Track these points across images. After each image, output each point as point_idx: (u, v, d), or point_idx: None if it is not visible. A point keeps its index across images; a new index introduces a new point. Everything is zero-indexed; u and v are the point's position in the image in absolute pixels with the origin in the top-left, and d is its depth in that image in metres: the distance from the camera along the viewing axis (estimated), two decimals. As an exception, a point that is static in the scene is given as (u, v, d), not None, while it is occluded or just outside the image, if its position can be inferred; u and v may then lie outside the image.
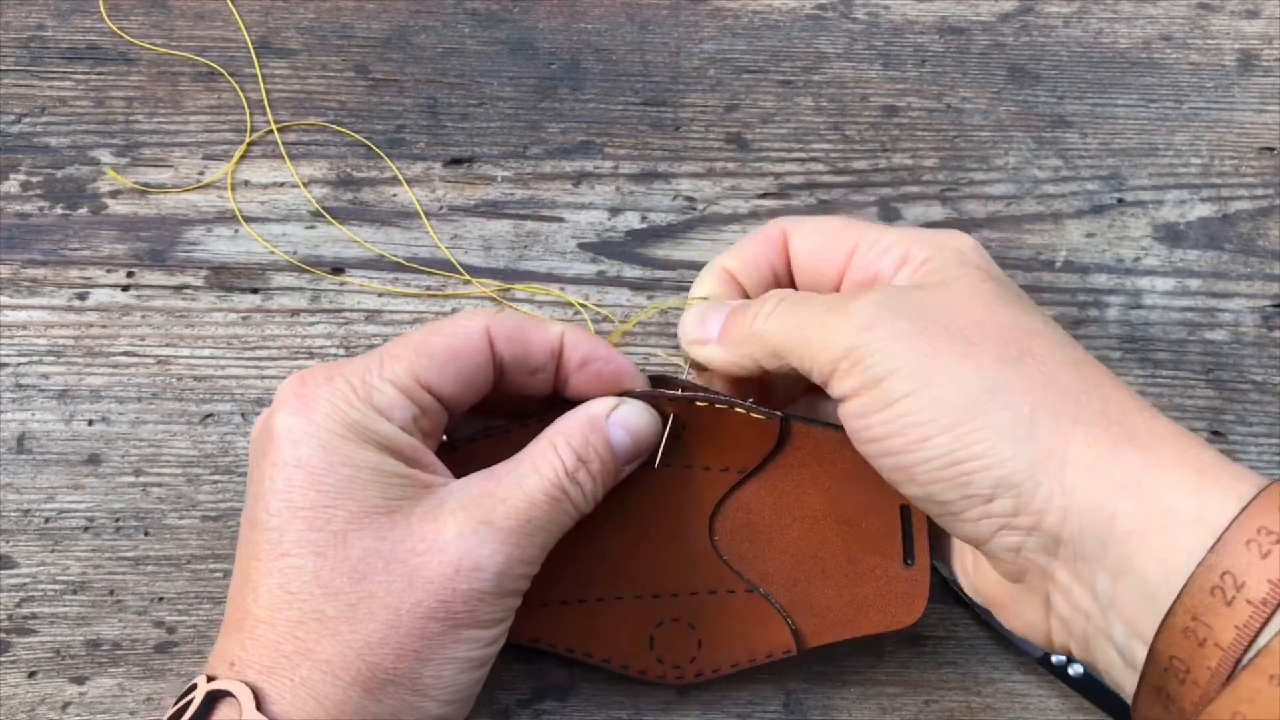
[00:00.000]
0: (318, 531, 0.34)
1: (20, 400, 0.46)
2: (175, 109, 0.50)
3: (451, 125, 0.50)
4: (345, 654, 0.33)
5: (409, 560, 0.34)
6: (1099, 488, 0.32)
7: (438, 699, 0.35)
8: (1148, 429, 0.33)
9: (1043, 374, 0.34)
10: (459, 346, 0.37)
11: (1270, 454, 0.46)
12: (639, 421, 0.39)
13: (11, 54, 0.51)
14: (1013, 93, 0.52)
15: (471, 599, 0.34)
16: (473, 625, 0.35)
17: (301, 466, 0.35)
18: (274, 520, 0.35)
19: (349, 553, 0.34)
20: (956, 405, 0.33)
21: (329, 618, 0.34)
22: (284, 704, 0.33)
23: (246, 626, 0.34)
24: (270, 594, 0.34)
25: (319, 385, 0.36)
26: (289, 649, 0.34)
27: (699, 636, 0.41)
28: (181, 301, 0.47)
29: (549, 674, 0.43)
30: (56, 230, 0.48)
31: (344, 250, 0.48)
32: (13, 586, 0.44)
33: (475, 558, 0.34)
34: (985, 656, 0.44)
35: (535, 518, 0.36)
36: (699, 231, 0.49)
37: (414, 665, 0.34)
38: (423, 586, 0.34)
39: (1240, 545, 0.30)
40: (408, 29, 0.52)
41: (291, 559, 0.34)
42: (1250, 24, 0.53)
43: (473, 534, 0.35)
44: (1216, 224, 0.50)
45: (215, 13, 0.52)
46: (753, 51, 0.52)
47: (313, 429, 0.35)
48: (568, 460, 0.37)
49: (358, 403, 0.35)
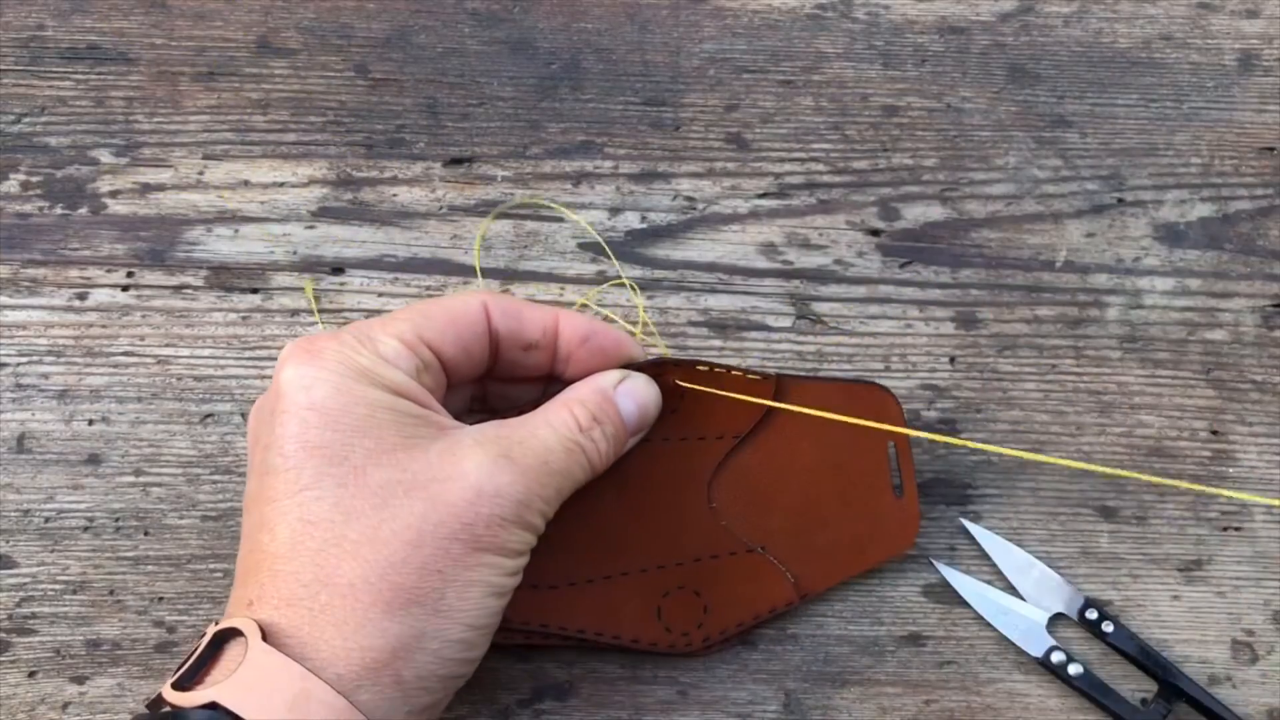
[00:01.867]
0: (337, 466, 0.34)
1: (20, 400, 0.46)
2: (175, 109, 0.50)
3: (451, 125, 0.50)
4: (367, 576, 0.33)
5: (430, 486, 0.35)
6: None
7: (460, 621, 0.35)
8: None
9: None
10: (458, 313, 0.38)
11: (1270, 454, 0.46)
12: (645, 394, 0.40)
13: (11, 54, 0.51)
14: (1013, 93, 0.52)
15: (494, 523, 0.35)
16: (495, 550, 0.35)
17: (315, 408, 0.35)
18: (290, 461, 0.35)
19: (369, 482, 0.34)
20: None
21: (351, 541, 0.34)
22: (301, 634, 0.33)
23: (265, 565, 0.34)
24: (289, 528, 0.34)
25: (325, 340, 0.36)
26: (308, 577, 0.33)
27: (705, 602, 0.42)
28: (181, 301, 0.47)
29: (549, 674, 0.43)
30: (56, 230, 0.48)
31: (344, 250, 0.48)
32: (13, 586, 0.44)
33: (496, 483, 0.35)
34: (985, 656, 0.44)
35: (552, 461, 0.37)
36: (699, 231, 0.49)
37: (438, 585, 0.34)
38: (445, 509, 0.34)
39: None
40: (408, 29, 0.52)
41: (311, 491, 0.34)
42: (1250, 24, 0.53)
43: (493, 463, 0.35)
44: (1216, 224, 0.50)
45: (215, 13, 0.51)
46: (753, 51, 0.52)
47: (324, 374, 0.35)
48: (582, 418, 0.38)
49: (365, 351, 0.36)
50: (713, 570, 0.42)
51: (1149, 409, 0.47)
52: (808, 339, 0.48)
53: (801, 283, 0.48)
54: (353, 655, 0.33)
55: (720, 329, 0.48)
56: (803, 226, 0.49)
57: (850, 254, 0.49)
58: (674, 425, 0.42)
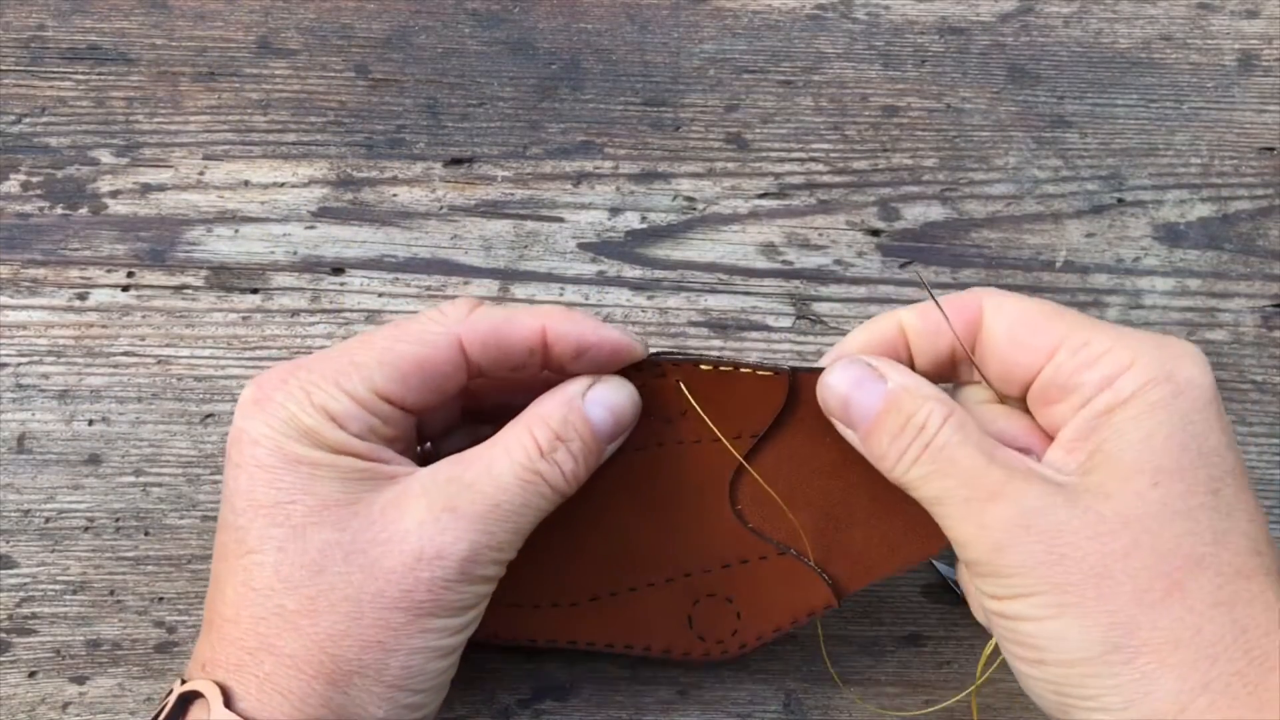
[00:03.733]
0: (278, 527, 0.34)
1: (20, 400, 0.46)
2: (175, 109, 0.50)
3: (451, 125, 0.50)
4: (307, 647, 0.33)
5: (369, 550, 0.34)
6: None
7: (408, 688, 0.34)
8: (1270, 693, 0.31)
9: (1183, 624, 0.31)
10: (425, 356, 0.36)
11: (1270, 454, 0.46)
12: (617, 397, 0.38)
13: (11, 54, 0.51)
14: (1013, 93, 0.52)
15: (436, 587, 0.34)
16: (438, 614, 0.34)
17: (260, 466, 0.35)
18: (240, 519, 0.35)
19: (307, 546, 0.34)
20: (1076, 648, 0.32)
21: (289, 612, 0.34)
22: (250, 700, 0.33)
23: (216, 626, 0.35)
24: (235, 591, 0.34)
25: (274, 389, 0.35)
26: (252, 645, 0.34)
27: (737, 608, 0.40)
28: (181, 301, 0.47)
29: (549, 674, 0.43)
30: (56, 230, 0.48)
31: (344, 250, 0.48)
32: (13, 586, 0.44)
33: (438, 545, 0.34)
34: (985, 656, 0.44)
35: (504, 502, 0.35)
36: (699, 231, 0.49)
37: (379, 656, 0.34)
38: (383, 576, 0.34)
39: None
40: (408, 29, 0.52)
41: (254, 555, 0.34)
42: (1250, 24, 0.53)
43: (434, 521, 0.34)
44: (1216, 224, 0.50)
45: (215, 13, 0.52)
46: (753, 51, 0.52)
47: (269, 431, 0.35)
48: (543, 441, 0.36)
49: (311, 410, 0.35)
50: (743, 576, 0.40)
51: (1149, 409, 0.47)
52: (808, 339, 0.48)
53: (801, 283, 0.48)
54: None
55: (720, 329, 0.48)
56: (803, 226, 0.49)
57: (850, 254, 0.49)
58: (685, 428, 0.40)
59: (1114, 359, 0.34)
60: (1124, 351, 0.34)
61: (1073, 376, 0.35)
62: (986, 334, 0.37)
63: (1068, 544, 0.32)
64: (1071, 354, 0.35)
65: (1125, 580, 0.32)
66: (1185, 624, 0.31)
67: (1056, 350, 0.35)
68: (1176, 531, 0.32)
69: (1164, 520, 0.32)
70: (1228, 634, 0.31)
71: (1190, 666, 0.31)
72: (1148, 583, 0.31)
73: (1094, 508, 0.32)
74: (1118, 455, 0.33)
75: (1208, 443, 0.33)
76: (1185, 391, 0.33)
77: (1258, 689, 0.31)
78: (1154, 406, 0.33)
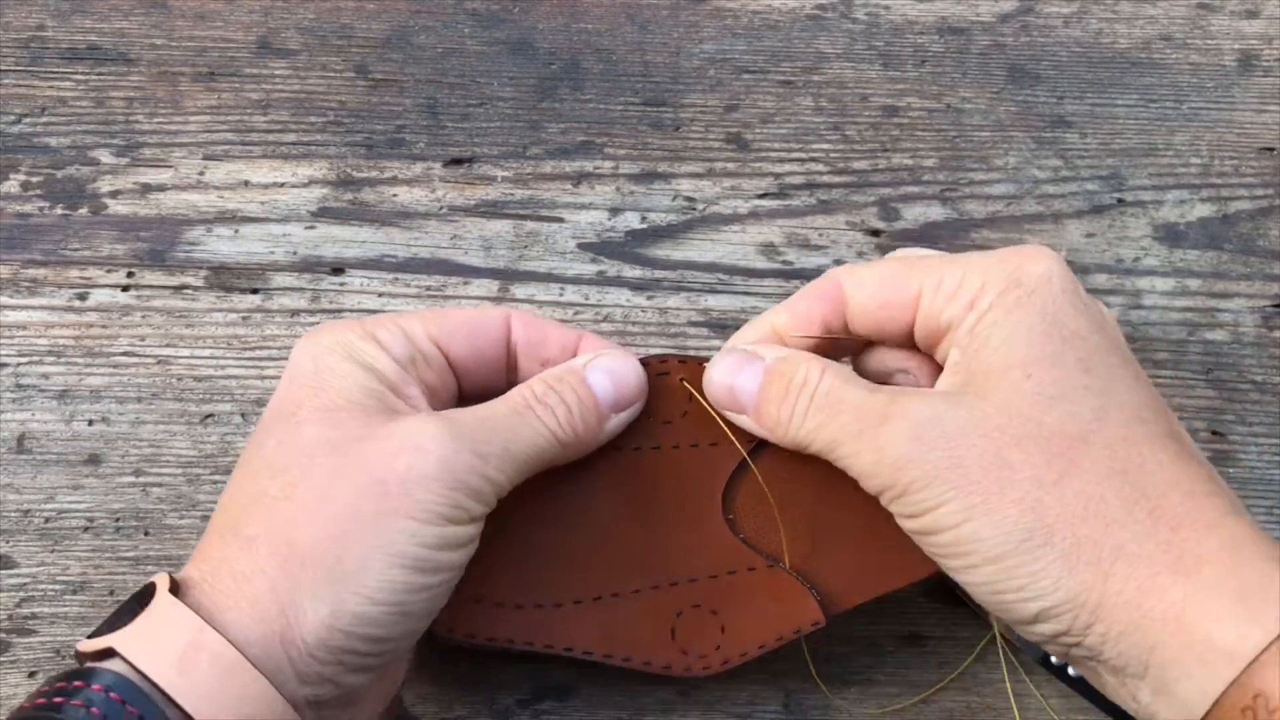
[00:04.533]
0: (283, 421, 0.35)
1: (20, 400, 0.46)
2: (175, 109, 0.50)
3: (451, 125, 0.50)
4: (270, 528, 0.33)
5: (354, 445, 0.34)
6: (1139, 620, 0.32)
7: (360, 593, 0.32)
8: (1197, 547, 0.32)
9: (1085, 496, 0.33)
10: (475, 318, 0.39)
11: (1270, 454, 0.46)
12: (616, 364, 0.39)
13: (11, 54, 0.51)
14: (1013, 93, 0.52)
15: (409, 479, 0.33)
16: (411, 514, 0.33)
17: (290, 374, 0.37)
18: (262, 423, 0.36)
19: (302, 438, 0.34)
20: (995, 543, 0.33)
21: (269, 497, 0.34)
22: (205, 585, 0.33)
23: (213, 519, 0.35)
24: (235, 484, 0.35)
25: (332, 323, 0.38)
26: (224, 529, 0.34)
27: (722, 622, 0.39)
28: (181, 301, 0.47)
29: (549, 674, 0.43)
30: (56, 230, 0.48)
31: (344, 250, 0.48)
32: (13, 586, 0.44)
33: (418, 439, 0.34)
34: (985, 656, 0.44)
35: (493, 419, 0.36)
36: (699, 232, 0.49)
37: (339, 546, 0.32)
38: (358, 464, 0.34)
39: (1275, 669, 0.30)
40: (408, 29, 0.52)
41: (257, 449, 0.35)
42: (1250, 24, 0.53)
43: (420, 423, 0.35)
44: (1216, 224, 0.50)
45: (215, 13, 0.52)
46: (753, 51, 0.52)
47: (311, 346, 0.37)
48: (537, 388, 0.37)
49: (359, 331, 0.37)
50: (730, 587, 0.39)
51: (1149, 409, 0.47)
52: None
53: (801, 283, 0.48)
54: (242, 607, 0.32)
55: (720, 329, 0.48)
56: (803, 227, 0.49)
57: (850, 254, 0.49)
58: (684, 430, 0.40)
59: (969, 284, 0.36)
60: (975, 275, 0.36)
61: (941, 315, 0.36)
62: (853, 308, 0.38)
63: (961, 446, 0.34)
64: (932, 295, 0.37)
65: (1022, 468, 0.33)
66: (1088, 495, 0.33)
67: (919, 297, 0.37)
68: (1058, 415, 0.34)
69: (1043, 407, 0.34)
70: (1129, 498, 0.33)
71: (1102, 534, 0.32)
72: (1043, 467, 0.33)
73: (977, 407, 0.34)
74: (988, 359, 0.35)
75: (1068, 328, 0.35)
76: (1037, 288, 0.35)
77: (1171, 542, 0.32)
78: (1010, 309, 0.35)
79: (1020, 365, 0.34)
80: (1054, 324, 0.35)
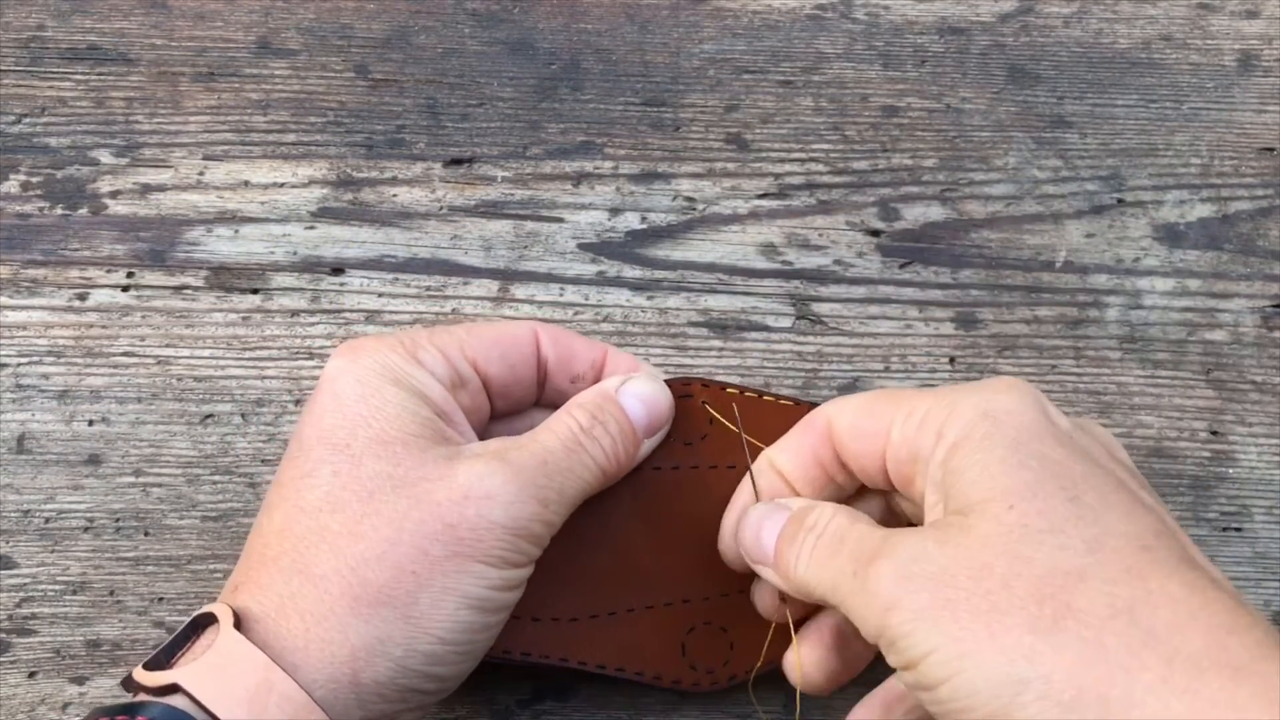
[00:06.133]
0: (337, 454, 0.35)
1: (20, 400, 0.46)
2: (175, 109, 0.50)
3: (451, 125, 0.50)
4: (339, 568, 0.33)
5: (419, 484, 0.34)
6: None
7: (430, 631, 0.33)
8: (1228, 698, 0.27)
9: (1084, 641, 0.29)
10: (506, 334, 0.39)
11: (1270, 454, 0.46)
12: (649, 389, 0.39)
13: (11, 54, 0.51)
14: (1013, 93, 0.52)
15: (479, 526, 0.34)
16: (478, 558, 0.34)
17: (335, 397, 0.36)
18: (304, 446, 0.35)
19: (362, 473, 0.34)
20: (989, 695, 0.29)
21: (332, 532, 0.34)
22: (268, 622, 0.33)
23: (258, 548, 0.34)
24: (285, 513, 0.34)
25: (370, 341, 0.37)
26: (287, 564, 0.33)
27: (731, 639, 0.40)
28: (181, 302, 0.47)
29: (549, 674, 0.43)
30: (56, 230, 0.48)
31: (344, 250, 0.48)
32: (13, 586, 0.44)
33: (487, 485, 0.34)
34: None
35: (551, 460, 0.36)
36: (699, 232, 0.49)
37: (410, 588, 0.33)
38: (429, 507, 0.34)
39: None
40: (408, 29, 0.52)
41: (309, 478, 0.35)
42: (1250, 24, 0.53)
43: (485, 465, 0.35)
44: (1216, 224, 0.50)
45: (215, 13, 0.52)
46: (753, 51, 0.52)
47: (353, 368, 0.36)
48: (582, 419, 0.37)
49: (402, 353, 0.37)
50: (740, 605, 0.40)
51: (1149, 409, 0.47)
52: (808, 339, 0.48)
53: (801, 283, 0.48)
54: (311, 648, 0.32)
55: (720, 329, 0.48)
56: (803, 227, 0.49)
57: (850, 254, 0.49)
58: (704, 452, 0.40)
59: (935, 415, 0.34)
60: (941, 407, 0.34)
61: (910, 446, 0.35)
62: (837, 440, 0.37)
63: (949, 587, 0.31)
64: (901, 426, 0.35)
65: (1013, 612, 0.30)
66: (1086, 642, 0.29)
67: (890, 429, 0.35)
68: (1047, 550, 0.30)
69: (1030, 542, 0.31)
70: (1136, 643, 0.29)
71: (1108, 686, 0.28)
72: (1036, 610, 0.30)
73: (963, 543, 0.31)
74: (965, 491, 0.32)
75: (1048, 457, 0.32)
76: (1004, 420, 0.33)
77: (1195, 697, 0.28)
78: (980, 442, 0.33)
79: (1000, 497, 0.32)
80: (1028, 454, 0.32)
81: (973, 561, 0.31)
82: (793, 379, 0.47)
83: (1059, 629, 0.29)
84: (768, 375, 0.47)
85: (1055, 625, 0.29)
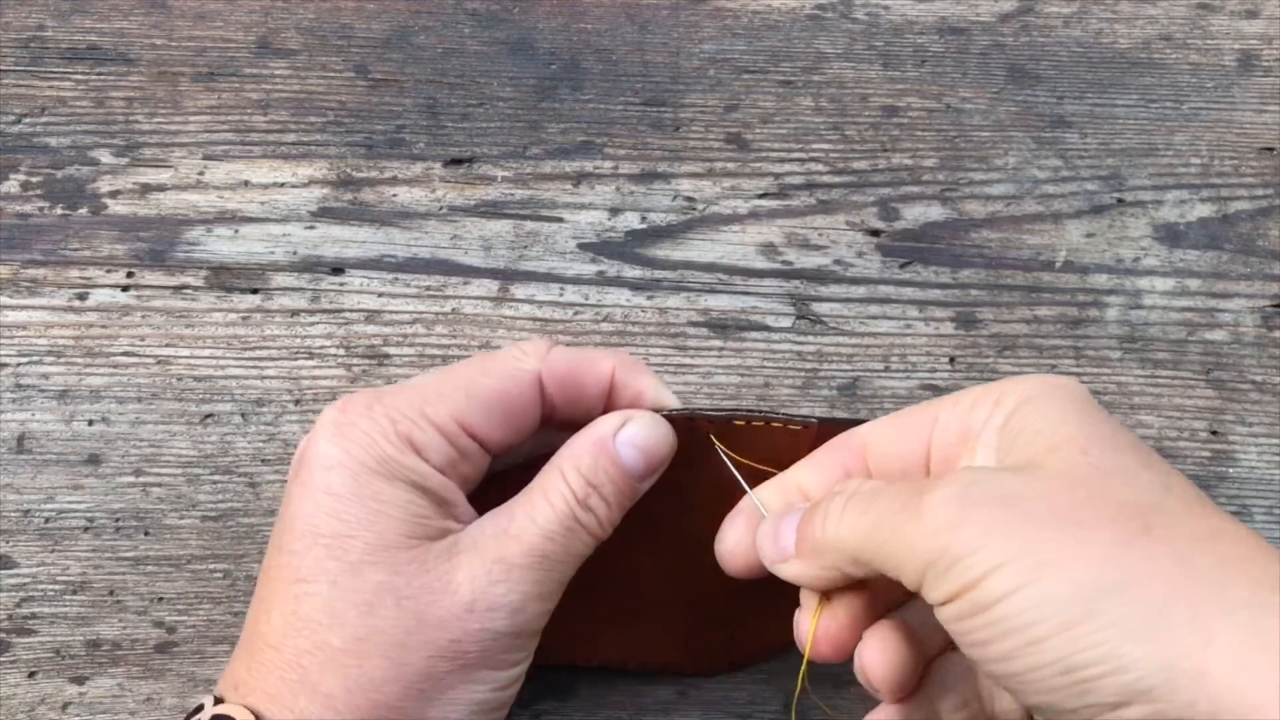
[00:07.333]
0: (335, 560, 0.34)
1: (20, 400, 0.46)
2: (175, 109, 0.50)
3: (451, 125, 0.50)
4: (348, 689, 0.33)
5: (421, 597, 0.34)
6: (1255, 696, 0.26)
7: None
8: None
9: (1170, 555, 0.28)
10: (508, 389, 0.36)
11: (1270, 454, 0.46)
12: (649, 435, 0.37)
13: (11, 54, 0.51)
14: (1013, 93, 0.52)
15: (484, 639, 0.34)
16: (484, 667, 0.34)
17: (330, 494, 0.34)
18: (296, 545, 0.34)
19: (362, 584, 0.34)
20: (1070, 602, 0.28)
21: (334, 649, 0.33)
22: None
23: (256, 650, 0.34)
24: (283, 619, 0.34)
25: (359, 414, 0.35)
26: (292, 677, 0.33)
27: (732, 631, 0.42)
28: (181, 301, 0.47)
29: (549, 674, 0.43)
30: (56, 230, 0.48)
31: (344, 250, 0.48)
32: (13, 586, 0.44)
33: (490, 598, 0.34)
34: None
35: (551, 552, 0.35)
36: (699, 232, 0.49)
37: (419, 705, 0.33)
38: (434, 624, 0.33)
39: None
40: (408, 29, 0.52)
41: (306, 585, 0.34)
42: (1250, 24, 0.53)
43: (486, 574, 0.34)
44: (1216, 224, 0.50)
45: (215, 13, 0.52)
46: (753, 51, 0.52)
47: (345, 458, 0.34)
48: (577, 487, 0.36)
49: (394, 437, 0.35)
50: (745, 603, 0.40)
51: (1149, 409, 0.47)
52: (808, 339, 0.48)
53: (801, 283, 0.48)
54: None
55: (720, 329, 0.48)
56: (803, 227, 0.49)
57: (850, 254, 0.49)
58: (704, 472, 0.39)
59: (989, 394, 0.34)
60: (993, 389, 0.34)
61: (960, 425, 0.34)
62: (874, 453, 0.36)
63: (1024, 506, 0.30)
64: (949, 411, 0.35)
65: (1101, 527, 0.29)
66: (1172, 555, 0.28)
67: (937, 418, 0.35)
68: (1125, 488, 0.30)
69: (1106, 479, 0.30)
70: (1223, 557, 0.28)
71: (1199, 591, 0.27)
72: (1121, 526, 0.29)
73: (1035, 475, 0.31)
74: (1031, 443, 0.32)
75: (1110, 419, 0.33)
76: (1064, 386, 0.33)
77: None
78: (1045, 401, 0.33)
79: (1073, 442, 0.31)
80: (1093, 411, 0.32)
81: (1047, 488, 0.30)
82: (792, 379, 0.47)
83: (1144, 543, 0.28)
84: (767, 375, 0.47)
85: (1140, 538, 0.29)
